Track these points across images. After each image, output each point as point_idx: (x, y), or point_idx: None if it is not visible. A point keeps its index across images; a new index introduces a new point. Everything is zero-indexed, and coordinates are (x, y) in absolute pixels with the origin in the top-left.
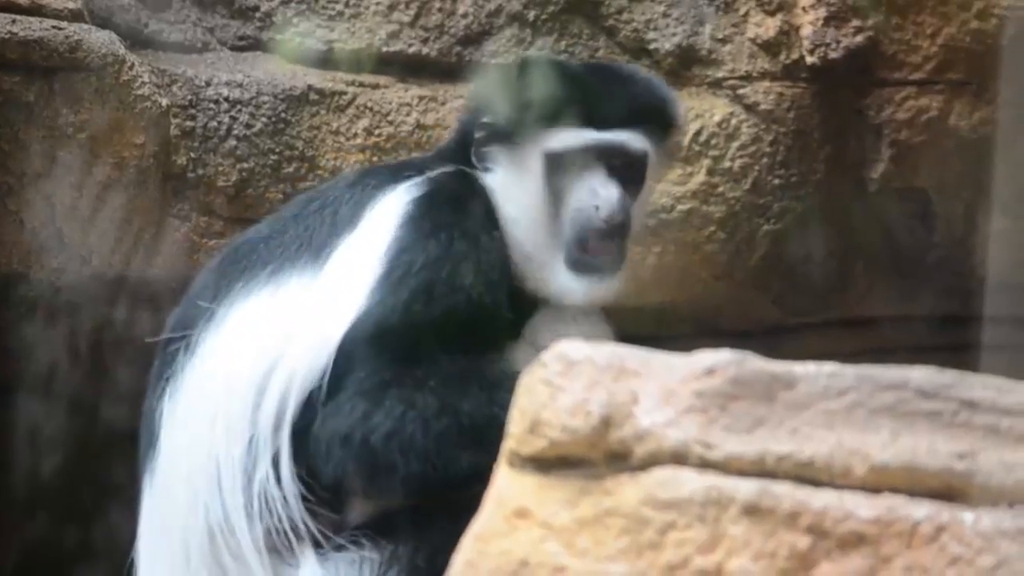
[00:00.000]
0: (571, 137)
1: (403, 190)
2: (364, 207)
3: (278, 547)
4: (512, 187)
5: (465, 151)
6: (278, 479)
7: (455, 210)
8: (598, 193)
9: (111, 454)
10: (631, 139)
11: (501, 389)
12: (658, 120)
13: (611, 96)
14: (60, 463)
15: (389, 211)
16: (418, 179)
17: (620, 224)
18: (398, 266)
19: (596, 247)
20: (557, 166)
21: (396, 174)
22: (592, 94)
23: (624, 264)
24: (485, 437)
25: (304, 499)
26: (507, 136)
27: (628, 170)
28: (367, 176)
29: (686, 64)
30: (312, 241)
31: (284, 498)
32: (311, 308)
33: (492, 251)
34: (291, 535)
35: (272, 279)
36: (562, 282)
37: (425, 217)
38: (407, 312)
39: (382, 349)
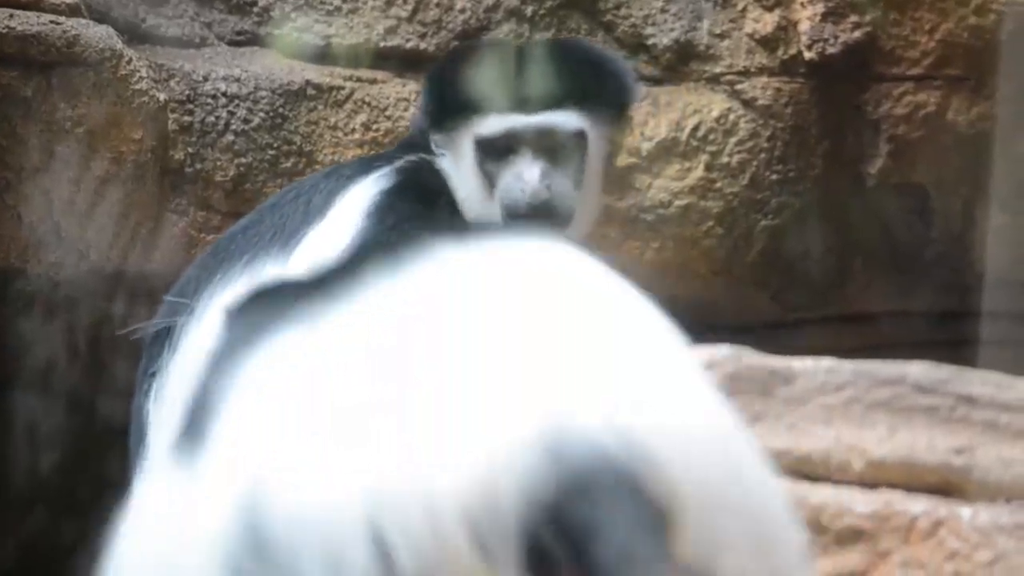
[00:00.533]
0: (497, 122)
1: (370, 181)
2: (335, 197)
3: None
4: (456, 173)
5: (426, 139)
6: None
7: (418, 200)
8: (522, 176)
9: (110, 450)
10: (561, 120)
11: None
12: (595, 97)
13: (537, 78)
14: (58, 459)
15: (355, 202)
16: (385, 169)
17: (544, 204)
18: None
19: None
20: (487, 151)
21: (368, 165)
22: (518, 77)
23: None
24: None
25: None
26: (445, 123)
27: (563, 150)
28: (343, 167)
29: (684, 59)
30: (285, 230)
31: None
32: None
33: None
34: None
35: (247, 269)
36: None
37: (388, 209)
38: None
39: None
